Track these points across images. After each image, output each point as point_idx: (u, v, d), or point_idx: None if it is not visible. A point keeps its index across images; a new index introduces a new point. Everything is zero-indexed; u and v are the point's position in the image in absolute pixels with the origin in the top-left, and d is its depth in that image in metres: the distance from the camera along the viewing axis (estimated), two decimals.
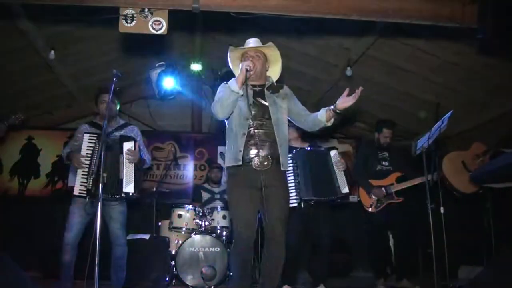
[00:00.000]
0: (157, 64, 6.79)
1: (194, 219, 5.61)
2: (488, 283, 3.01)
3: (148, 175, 7.78)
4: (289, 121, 4.33)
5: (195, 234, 5.46)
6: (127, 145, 4.11)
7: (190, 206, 5.74)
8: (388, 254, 5.79)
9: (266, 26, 5.66)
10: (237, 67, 3.55)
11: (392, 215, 5.12)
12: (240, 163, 3.35)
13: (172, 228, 5.65)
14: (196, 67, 7.16)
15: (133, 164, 4.10)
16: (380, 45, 5.60)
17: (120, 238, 4.22)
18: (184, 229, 5.59)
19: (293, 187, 4.54)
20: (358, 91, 3.27)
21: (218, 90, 3.56)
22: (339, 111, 3.37)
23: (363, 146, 5.77)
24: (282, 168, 3.43)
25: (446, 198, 4.54)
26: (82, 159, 4.06)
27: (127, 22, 3.67)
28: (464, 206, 5.86)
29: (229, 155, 3.43)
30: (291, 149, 4.67)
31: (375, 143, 5.43)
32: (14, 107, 6.61)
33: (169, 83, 7.03)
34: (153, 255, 5.02)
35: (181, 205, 5.82)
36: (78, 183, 4.08)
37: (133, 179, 4.06)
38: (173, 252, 5.46)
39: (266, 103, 3.46)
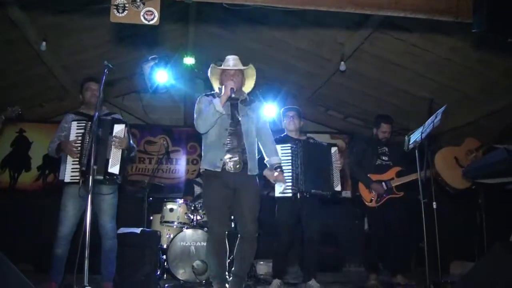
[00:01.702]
0: (150, 57, 6.75)
1: (185, 213, 5.57)
2: (480, 279, 3.02)
3: (140, 169, 7.73)
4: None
5: (186, 228, 5.43)
6: (118, 127, 4.11)
7: (182, 201, 5.70)
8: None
9: (260, 19, 5.64)
10: (216, 81, 4.01)
11: (392, 210, 5.08)
12: (219, 170, 3.72)
13: (163, 222, 5.62)
14: (189, 60, 7.12)
15: (121, 149, 4.07)
16: (374, 40, 5.59)
17: (110, 231, 4.19)
18: (175, 223, 5.57)
19: (290, 177, 4.52)
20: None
21: (198, 101, 3.91)
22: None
23: (359, 141, 5.71)
24: (249, 173, 3.80)
25: (438, 193, 4.53)
26: (74, 146, 4.04)
27: (118, 12, 3.62)
28: (457, 202, 5.86)
29: (207, 159, 3.81)
30: (290, 139, 4.76)
31: (373, 138, 5.40)
32: (5, 99, 6.55)
33: (161, 76, 6.99)
34: (145, 249, 4.96)
35: (173, 199, 5.79)
36: (69, 170, 4.06)
37: (119, 161, 4.03)
38: (165, 246, 5.44)
39: (239, 115, 3.86)
